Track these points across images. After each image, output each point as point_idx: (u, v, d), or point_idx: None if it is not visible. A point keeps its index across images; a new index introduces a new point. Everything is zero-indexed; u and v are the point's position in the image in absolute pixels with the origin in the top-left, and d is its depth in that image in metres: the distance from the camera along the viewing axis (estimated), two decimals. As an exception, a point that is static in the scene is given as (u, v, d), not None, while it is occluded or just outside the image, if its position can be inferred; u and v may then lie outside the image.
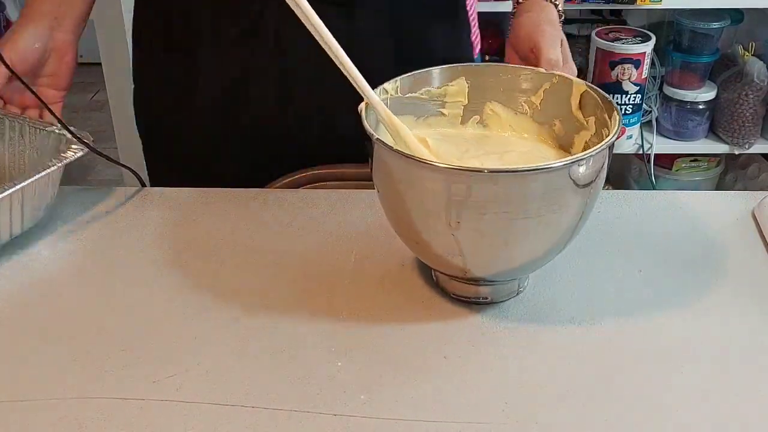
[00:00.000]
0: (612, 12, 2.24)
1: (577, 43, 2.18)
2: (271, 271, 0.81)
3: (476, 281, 0.74)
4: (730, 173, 2.37)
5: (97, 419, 0.65)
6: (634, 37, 2.04)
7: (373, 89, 0.73)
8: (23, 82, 0.91)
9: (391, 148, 0.68)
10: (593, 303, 0.77)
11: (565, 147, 0.80)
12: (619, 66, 2.02)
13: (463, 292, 0.76)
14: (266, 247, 0.84)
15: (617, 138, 0.68)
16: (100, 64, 2.06)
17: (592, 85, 0.77)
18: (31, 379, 0.69)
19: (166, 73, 1.03)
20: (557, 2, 1.02)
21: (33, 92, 0.92)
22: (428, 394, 0.68)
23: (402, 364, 0.70)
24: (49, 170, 0.82)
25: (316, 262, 0.82)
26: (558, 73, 0.80)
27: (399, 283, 0.80)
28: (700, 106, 2.16)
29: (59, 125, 0.89)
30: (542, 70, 0.82)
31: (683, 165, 2.30)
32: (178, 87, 1.02)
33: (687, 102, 2.15)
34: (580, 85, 0.77)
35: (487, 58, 2.19)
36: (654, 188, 2.21)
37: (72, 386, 0.68)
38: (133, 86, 1.12)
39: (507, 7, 1.97)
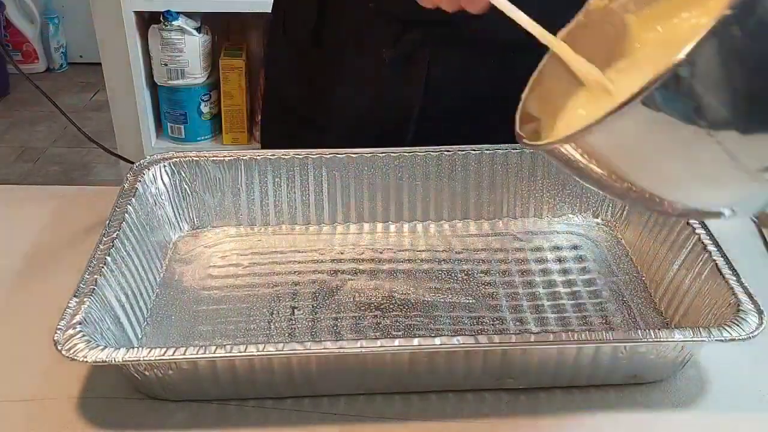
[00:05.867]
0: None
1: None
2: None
3: None
4: (731, 174, 2.37)
5: None
6: (635, 37, 2.04)
7: None
8: (32, 82, 0.91)
9: None
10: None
11: None
12: (620, 66, 2.02)
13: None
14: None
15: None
16: (100, 64, 2.06)
17: None
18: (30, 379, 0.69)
19: (311, 67, 1.00)
20: None
21: (37, 87, 0.91)
22: (428, 393, 0.68)
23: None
24: None
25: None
26: None
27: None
28: (701, 107, 2.16)
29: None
30: None
31: (683, 165, 2.30)
32: (322, 82, 0.99)
33: (687, 102, 2.15)
34: None
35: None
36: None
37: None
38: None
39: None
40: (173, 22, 2.01)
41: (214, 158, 0.87)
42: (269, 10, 1.06)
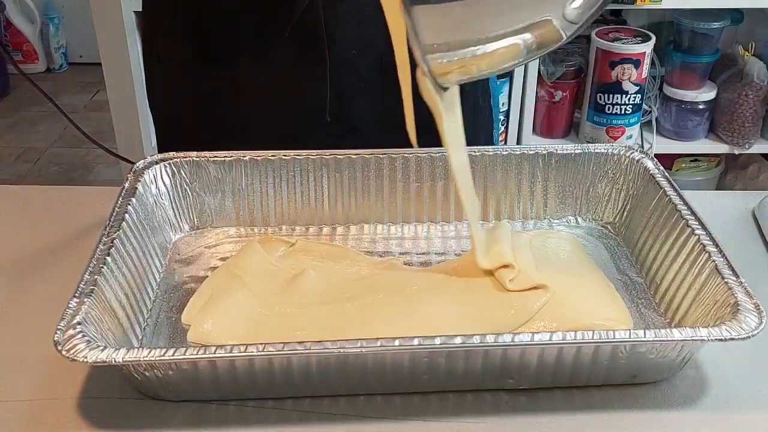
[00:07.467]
0: (612, 12, 2.23)
1: (577, 43, 2.18)
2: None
3: None
4: (730, 173, 2.37)
5: None
6: (634, 37, 2.04)
7: None
8: (32, 82, 0.91)
9: None
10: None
11: None
12: (619, 66, 2.02)
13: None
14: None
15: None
16: (100, 64, 2.06)
17: None
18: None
19: (199, 88, 0.99)
20: None
21: (37, 87, 0.92)
22: (428, 393, 0.68)
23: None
24: None
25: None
26: None
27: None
28: (700, 106, 2.16)
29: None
30: None
31: (683, 165, 2.29)
32: (217, 101, 0.98)
33: (687, 102, 2.15)
34: None
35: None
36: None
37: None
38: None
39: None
40: (173, 22, 2.01)
41: (214, 158, 0.87)
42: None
